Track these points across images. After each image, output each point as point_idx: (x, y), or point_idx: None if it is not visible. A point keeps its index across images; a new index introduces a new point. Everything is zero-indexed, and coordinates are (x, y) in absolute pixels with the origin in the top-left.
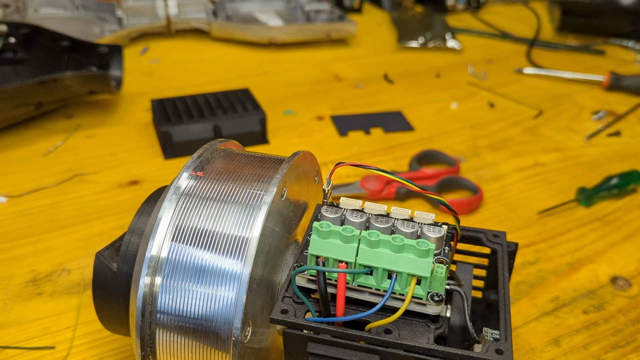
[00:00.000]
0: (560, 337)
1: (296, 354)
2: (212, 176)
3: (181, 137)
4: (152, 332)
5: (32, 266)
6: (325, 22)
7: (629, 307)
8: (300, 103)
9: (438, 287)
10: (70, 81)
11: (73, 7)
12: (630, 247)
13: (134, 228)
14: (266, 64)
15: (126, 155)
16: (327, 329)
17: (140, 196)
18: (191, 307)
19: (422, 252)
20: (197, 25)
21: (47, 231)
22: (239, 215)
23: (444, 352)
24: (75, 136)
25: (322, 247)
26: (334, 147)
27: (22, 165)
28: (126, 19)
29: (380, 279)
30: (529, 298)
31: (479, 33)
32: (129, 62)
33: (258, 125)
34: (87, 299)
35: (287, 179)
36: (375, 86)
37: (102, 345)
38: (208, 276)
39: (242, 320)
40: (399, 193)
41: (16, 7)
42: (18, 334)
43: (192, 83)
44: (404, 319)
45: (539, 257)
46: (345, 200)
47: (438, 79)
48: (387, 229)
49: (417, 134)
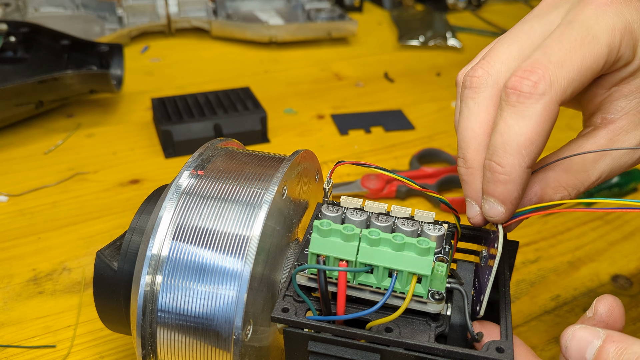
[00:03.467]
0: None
1: (297, 353)
2: (213, 175)
3: (182, 136)
4: (153, 331)
5: (32, 265)
6: (326, 21)
7: (630, 305)
8: (300, 102)
9: (439, 285)
10: (70, 80)
11: (73, 6)
12: (631, 246)
13: (134, 227)
14: (266, 62)
15: (127, 154)
16: (327, 327)
17: (141, 195)
18: (192, 305)
19: (423, 250)
20: (198, 24)
21: (48, 230)
22: (240, 214)
23: (444, 351)
24: (75, 135)
25: (322, 245)
26: (335, 146)
27: (23, 164)
28: (126, 17)
29: (380, 277)
30: (529, 297)
31: (480, 32)
32: (129, 60)
33: (258, 124)
34: (87, 298)
35: (288, 178)
36: (376, 85)
37: (102, 344)
38: (209, 275)
39: (243, 319)
40: (399, 192)
41: (16, 6)
42: (19, 332)
43: (193, 82)
44: (405, 317)
45: (539, 255)
46: (345, 198)
47: (439, 78)
48: (387, 227)
49: (417, 133)
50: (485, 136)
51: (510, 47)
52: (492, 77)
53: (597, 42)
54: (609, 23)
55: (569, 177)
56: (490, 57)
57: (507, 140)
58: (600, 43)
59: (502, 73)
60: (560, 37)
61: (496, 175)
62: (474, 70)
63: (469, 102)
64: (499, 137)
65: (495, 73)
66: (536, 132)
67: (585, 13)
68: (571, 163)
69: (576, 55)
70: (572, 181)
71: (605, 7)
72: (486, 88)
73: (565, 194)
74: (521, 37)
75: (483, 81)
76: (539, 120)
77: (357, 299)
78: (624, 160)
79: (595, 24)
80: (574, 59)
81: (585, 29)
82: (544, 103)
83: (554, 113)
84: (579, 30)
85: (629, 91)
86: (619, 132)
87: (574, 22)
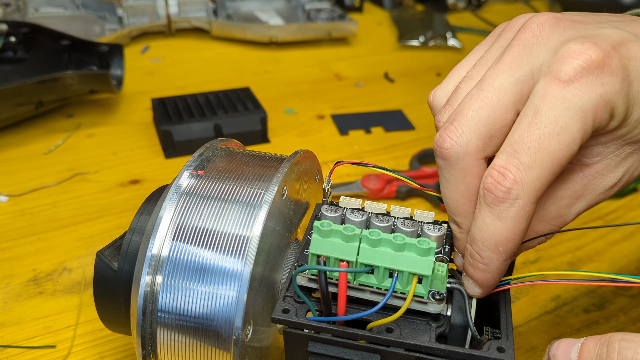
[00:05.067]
0: (562, 336)
1: (297, 353)
2: (213, 175)
3: (182, 136)
4: (153, 331)
5: (32, 265)
6: (326, 21)
7: (630, 305)
8: (300, 102)
9: (439, 285)
10: (70, 80)
11: (73, 6)
12: (631, 246)
13: (134, 227)
14: (267, 62)
15: (127, 154)
16: (327, 328)
17: (141, 195)
18: (192, 306)
19: (423, 250)
20: (198, 24)
21: (48, 230)
22: (240, 214)
23: (445, 351)
24: (75, 135)
25: (323, 246)
26: (335, 146)
27: (23, 164)
28: (127, 18)
29: (381, 277)
30: (529, 297)
31: (480, 32)
32: (129, 61)
33: (259, 124)
34: (87, 298)
35: (288, 178)
36: (376, 85)
37: (102, 344)
38: (209, 275)
39: (243, 319)
40: (399, 192)
41: (16, 6)
42: (19, 333)
43: (193, 82)
44: (405, 317)
45: (539, 255)
46: (345, 199)
47: (439, 78)
48: (387, 227)
49: (417, 133)
50: (469, 204)
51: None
52: (462, 149)
53: (568, 132)
54: (577, 106)
55: (544, 225)
56: (457, 121)
57: (485, 237)
58: (571, 131)
59: (472, 142)
60: (529, 134)
61: (476, 263)
62: (442, 139)
63: (444, 173)
64: (478, 231)
65: (465, 143)
66: (512, 232)
67: (552, 97)
68: (545, 211)
69: (545, 154)
70: (548, 228)
71: (574, 85)
72: (457, 161)
73: (542, 240)
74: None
75: (453, 153)
76: (514, 222)
77: (358, 300)
78: (600, 198)
79: (564, 110)
80: (544, 158)
81: (553, 120)
82: (518, 207)
83: (530, 212)
84: (546, 122)
85: (607, 140)
86: (595, 176)
87: (539, 111)
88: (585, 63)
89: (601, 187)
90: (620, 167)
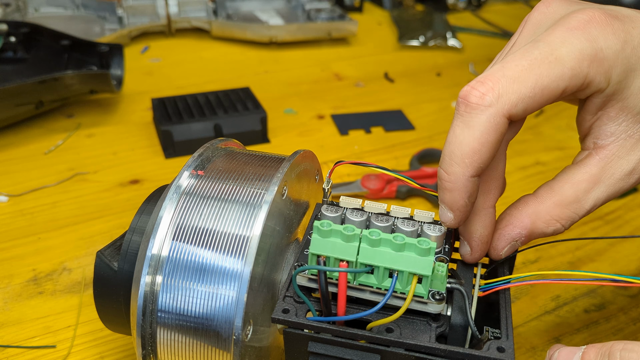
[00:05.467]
0: (562, 336)
1: (297, 353)
2: (213, 175)
3: (182, 136)
4: (153, 331)
5: (32, 265)
6: (326, 21)
7: (630, 305)
8: (300, 102)
9: (439, 285)
10: (70, 80)
11: (73, 6)
12: (631, 246)
13: (134, 227)
14: (267, 62)
15: (127, 154)
16: (327, 328)
17: (141, 195)
18: (192, 306)
19: (423, 250)
20: (198, 24)
21: (48, 230)
22: (240, 214)
23: (445, 351)
24: (75, 135)
25: (323, 246)
26: (335, 146)
27: (23, 164)
28: (127, 17)
29: (381, 277)
30: (529, 297)
31: (480, 32)
32: (129, 61)
33: (259, 124)
34: (87, 298)
35: (288, 178)
36: (376, 85)
37: (102, 344)
38: (209, 275)
39: (243, 319)
40: (399, 192)
41: (16, 6)
42: (19, 333)
43: (193, 82)
44: (405, 317)
45: (539, 255)
46: (344, 199)
47: (439, 78)
48: (387, 227)
49: (417, 133)
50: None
51: None
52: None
53: (559, 64)
54: (577, 47)
55: (562, 209)
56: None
57: (453, 149)
58: (563, 65)
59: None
60: (522, 54)
61: (443, 183)
62: None
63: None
64: (447, 145)
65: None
66: (479, 142)
67: (554, 34)
68: (563, 195)
69: (532, 73)
70: (565, 213)
71: (576, 31)
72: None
73: (558, 227)
74: None
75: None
76: (483, 131)
77: (358, 300)
78: (619, 186)
79: (562, 46)
80: (529, 76)
81: (549, 49)
82: (488, 114)
83: (500, 125)
84: (543, 49)
85: (615, 114)
86: (611, 159)
87: (540, 41)
88: (590, 18)
89: (619, 171)
90: (637, 149)
